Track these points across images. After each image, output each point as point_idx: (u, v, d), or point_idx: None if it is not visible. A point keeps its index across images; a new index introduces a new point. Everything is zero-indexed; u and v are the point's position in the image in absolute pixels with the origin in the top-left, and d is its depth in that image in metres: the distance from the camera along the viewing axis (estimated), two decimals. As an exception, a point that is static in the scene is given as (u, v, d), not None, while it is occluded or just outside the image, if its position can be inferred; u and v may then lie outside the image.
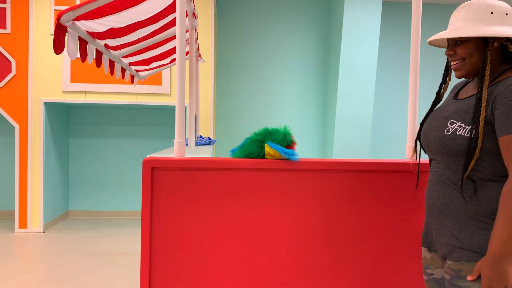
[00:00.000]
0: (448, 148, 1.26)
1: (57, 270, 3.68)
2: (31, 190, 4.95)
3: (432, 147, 1.34)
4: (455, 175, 1.27)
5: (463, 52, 1.29)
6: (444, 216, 1.29)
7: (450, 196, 1.27)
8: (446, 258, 1.29)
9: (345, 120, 5.71)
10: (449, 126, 1.27)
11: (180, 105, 1.72)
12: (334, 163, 1.69)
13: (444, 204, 1.29)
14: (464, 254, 1.23)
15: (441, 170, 1.31)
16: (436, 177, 1.33)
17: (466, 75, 1.32)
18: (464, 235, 1.24)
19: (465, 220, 1.24)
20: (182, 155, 1.70)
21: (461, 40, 1.29)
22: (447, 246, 1.28)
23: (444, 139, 1.27)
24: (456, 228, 1.26)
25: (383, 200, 1.71)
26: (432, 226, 1.36)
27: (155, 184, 1.63)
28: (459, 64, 1.31)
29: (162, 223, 1.64)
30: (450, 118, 1.29)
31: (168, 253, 1.64)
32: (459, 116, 1.27)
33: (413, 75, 1.84)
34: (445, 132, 1.27)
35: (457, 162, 1.26)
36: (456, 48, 1.31)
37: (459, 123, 1.25)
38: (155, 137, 5.99)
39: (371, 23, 5.54)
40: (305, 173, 1.68)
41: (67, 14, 2.14)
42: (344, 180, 1.70)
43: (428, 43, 1.44)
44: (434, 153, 1.34)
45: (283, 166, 1.66)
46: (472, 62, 1.28)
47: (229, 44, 6.16)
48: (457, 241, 1.25)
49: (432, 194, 1.33)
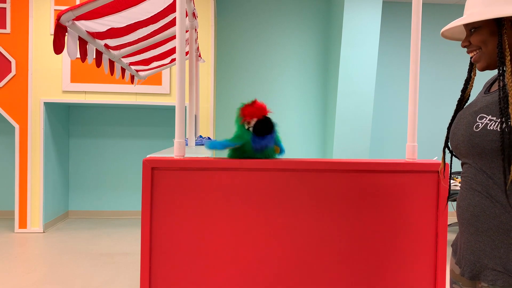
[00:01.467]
0: (479, 147, 1.08)
1: (57, 270, 3.68)
2: (31, 190, 4.95)
3: (461, 148, 1.16)
4: (488, 180, 1.08)
5: (477, 41, 1.14)
6: (474, 229, 1.11)
7: (481, 205, 1.09)
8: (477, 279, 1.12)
9: (345, 120, 5.71)
10: (479, 121, 1.10)
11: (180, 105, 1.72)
12: (334, 163, 1.69)
13: (474, 215, 1.11)
14: (498, 277, 1.05)
15: (472, 174, 1.13)
16: (467, 183, 1.16)
17: (487, 66, 1.16)
18: (497, 253, 1.06)
19: (499, 235, 1.06)
20: (182, 155, 1.70)
21: (475, 27, 1.13)
22: (476, 266, 1.12)
23: (474, 136, 1.10)
24: (487, 244, 1.08)
25: (383, 200, 1.71)
26: (462, 239, 1.18)
27: (155, 184, 1.63)
28: (477, 55, 1.16)
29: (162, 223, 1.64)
30: (480, 113, 1.11)
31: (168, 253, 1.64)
32: (490, 109, 1.09)
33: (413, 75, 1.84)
34: (474, 129, 1.10)
35: (490, 164, 1.08)
36: (470, 37, 1.16)
37: (489, 117, 1.07)
38: (155, 137, 5.99)
39: (371, 23, 5.54)
40: (305, 173, 1.68)
41: (67, 14, 2.14)
42: (344, 180, 1.70)
43: (442, 36, 1.30)
44: (464, 155, 1.17)
45: (283, 166, 1.66)
46: (489, 50, 1.13)
47: (229, 44, 6.16)
48: (488, 260, 1.08)
49: (462, 203, 1.16)
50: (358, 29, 5.54)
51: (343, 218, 1.69)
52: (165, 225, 1.62)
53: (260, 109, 1.55)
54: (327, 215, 1.68)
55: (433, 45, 6.42)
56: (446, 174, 1.42)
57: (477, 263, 1.11)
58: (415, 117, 1.83)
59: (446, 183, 1.47)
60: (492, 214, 1.07)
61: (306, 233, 1.68)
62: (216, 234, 1.64)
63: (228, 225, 1.64)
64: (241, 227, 1.65)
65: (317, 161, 1.69)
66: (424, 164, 1.62)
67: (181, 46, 1.73)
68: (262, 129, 1.54)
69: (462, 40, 1.25)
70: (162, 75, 5.08)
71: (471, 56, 1.19)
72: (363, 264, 1.71)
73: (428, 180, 1.62)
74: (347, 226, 1.69)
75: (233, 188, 1.64)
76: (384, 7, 6.28)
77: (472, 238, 1.12)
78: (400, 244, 1.71)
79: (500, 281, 1.04)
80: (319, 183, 1.67)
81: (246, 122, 1.56)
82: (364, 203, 1.69)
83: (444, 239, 1.68)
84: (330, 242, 1.69)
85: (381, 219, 1.70)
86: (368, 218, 1.70)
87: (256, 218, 1.66)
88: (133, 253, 4.23)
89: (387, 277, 1.72)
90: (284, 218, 1.67)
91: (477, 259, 1.11)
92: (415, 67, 1.84)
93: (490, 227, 1.08)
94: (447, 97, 6.48)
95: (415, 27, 1.83)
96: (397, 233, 1.71)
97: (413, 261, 1.72)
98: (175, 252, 1.63)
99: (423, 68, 6.49)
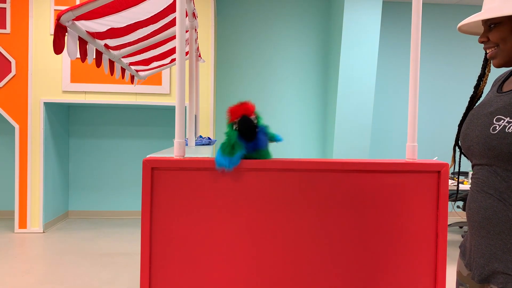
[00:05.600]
0: (496, 150, 1.06)
1: (57, 270, 3.68)
2: (31, 190, 4.95)
3: (475, 150, 1.14)
4: (502, 183, 1.07)
5: (495, 37, 1.10)
6: (486, 232, 1.10)
7: (494, 208, 1.08)
8: (486, 282, 1.11)
9: (345, 120, 5.71)
10: (495, 123, 1.07)
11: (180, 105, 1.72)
12: (334, 163, 1.69)
13: (486, 217, 1.09)
14: (509, 280, 1.03)
15: (485, 176, 1.11)
16: (478, 185, 1.14)
17: (504, 63, 1.12)
18: (509, 256, 1.05)
19: (510, 238, 1.05)
20: (182, 155, 1.70)
21: (495, 22, 1.10)
22: (486, 270, 1.10)
23: (490, 139, 1.07)
24: (499, 247, 1.06)
25: (383, 200, 1.71)
26: (472, 242, 1.17)
27: (155, 184, 1.63)
28: (494, 52, 1.13)
29: (162, 223, 1.64)
30: (496, 114, 1.08)
31: (168, 253, 1.64)
32: (508, 110, 1.06)
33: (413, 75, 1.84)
34: (491, 131, 1.07)
35: (506, 167, 1.05)
36: (489, 33, 1.12)
37: (508, 119, 1.04)
38: (155, 137, 5.99)
39: (371, 23, 5.54)
40: (305, 173, 1.68)
41: (67, 14, 2.14)
42: (344, 180, 1.70)
43: (459, 30, 1.26)
44: (478, 157, 1.14)
45: (283, 166, 1.66)
46: (508, 47, 1.09)
47: (229, 44, 6.16)
48: (499, 264, 1.06)
49: (473, 205, 1.15)
50: (358, 29, 5.54)
51: (343, 218, 1.69)
52: (165, 225, 1.62)
53: (244, 109, 1.52)
54: (327, 215, 1.69)
55: (433, 45, 6.42)
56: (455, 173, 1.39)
57: (487, 266, 1.09)
58: (415, 117, 1.83)
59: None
60: (505, 217, 1.05)
61: (306, 233, 1.68)
62: (216, 234, 1.64)
63: (228, 225, 1.64)
64: (241, 227, 1.65)
65: (317, 161, 1.69)
66: (424, 164, 1.61)
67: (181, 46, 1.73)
68: (243, 129, 1.50)
69: (479, 34, 1.22)
70: (162, 75, 5.08)
71: (488, 52, 1.16)
72: (363, 264, 1.71)
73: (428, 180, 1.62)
74: (347, 226, 1.69)
75: (233, 188, 1.64)
76: (384, 7, 6.28)
77: (483, 241, 1.11)
78: (400, 244, 1.71)
79: (511, 284, 1.03)
80: (319, 183, 1.67)
81: (232, 122, 1.55)
82: (364, 203, 1.69)
83: (444, 239, 1.68)
84: (330, 242, 1.69)
85: (381, 219, 1.70)
86: (368, 218, 1.70)
87: (256, 218, 1.66)
88: (133, 253, 4.23)
89: (387, 277, 1.72)
90: (284, 218, 1.67)
91: (487, 263, 1.09)
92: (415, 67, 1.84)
93: (502, 230, 1.06)
94: (447, 97, 6.48)
95: (415, 27, 1.83)
96: (397, 233, 1.71)
97: (413, 261, 1.72)
98: (175, 252, 1.63)
99: (423, 68, 6.49)
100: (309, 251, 1.68)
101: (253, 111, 1.51)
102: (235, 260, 1.65)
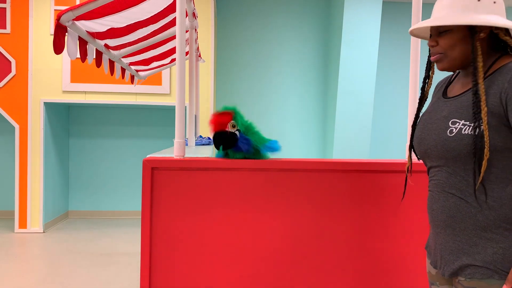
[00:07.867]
0: (455, 151, 1.11)
1: (57, 270, 3.68)
2: (31, 190, 4.95)
3: (432, 153, 1.19)
4: (462, 182, 1.13)
5: (445, 43, 1.17)
6: (452, 230, 1.15)
7: (457, 207, 1.13)
8: (454, 276, 1.16)
9: (345, 120, 5.71)
10: (452, 126, 1.13)
11: (180, 105, 1.72)
12: (334, 163, 1.69)
13: (450, 216, 1.15)
14: (476, 271, 1.10)
15: (445, 177, 1.17)
16: (438, 186, 1.19)
17: (448, 67, 1.20)
18: (475, 249, 1.11)
19: (475, 233, 1.11)
20: (182, 155, 1.70)
21: (445, 30, 1.16)
22: (455, 264, 1.15)
23: (448, 141, 1.12)
24: (466, 242, 1.13)
25: (383, 200, 1.71)
26: (437, 241, 1.22)
27: (155, 184, 1.63)
28: (439, 56, 1.19)
29: (162, 223, 1.64)
30: (451, 118, 1.14)
31: (168, 253, 1.64)
32: (461, 113, 1.13)
33: (413, 75, 1.84)
34: (448, 133, 1.13)
35: (465, 166, 1.11)
36: (439, 38, 1.18)
37: (462, 121, 1.11)
38: (155, 137, 5.99)
39: (371, 23, 5.54)
40: (305, 173, 1.68)
41: (67, 14, 2.14)
42: (344, 180, 1.70)
43: (410, 33, 1.32)
44: (435, 159, 1.19)
45: (283, 166, 1.66)
46: (454, 54, 1.16)
47: (229, 44, 6.16)
48: (467, 257, 1.12)
49: (436, 206, 1.19)
50: (358, 29, 5.54)
51: (343, 218, 1.69)
52: (165, 225, 1.62)
53: (219, 124, 1.61)
54: (327, 215, 1.69)
55: (433, 45, 6.42)
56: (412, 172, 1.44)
57: (456, 261, 1.15)
58: (415, 117, 1.83)
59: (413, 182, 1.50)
60: (468, 214, 1.12)
61: (306, 232, 1.68)
62: (216, 234, 1.64)
63: (227, 224, 1.64)
64: (240, 227, 1.65)
65: (317, 161, 1.69)
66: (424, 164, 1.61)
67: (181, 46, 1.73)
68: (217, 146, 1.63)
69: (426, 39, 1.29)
70: (162, 75, 5.08)
71: (433, 56, 1.22)
72: (362, 263, 1.71)
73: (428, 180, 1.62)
74: (347, 225, 1.69)
75: (233, 188, 1.64)
76: (384, 7, 6.28)
77: (450, 238, 1.16)
78: (400, 243, 1.71)
79: (478, 274, 1.10)
80: (319, 183, 1.67)
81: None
82: (364, 203, 1.69)
83: (444, 239, 1.68)
84: (330, 241, 1.69)
85: (381, 218, 1.70)
86: (368, 218, 1.70)
87: (256, 218, 1.66)
88: (133, 253, 4.23)
89: (386, 276, 1.72)
90: (284, 217, 1.67)
91: (456, 258, 1.15)
92: (415, 67, 1.84)
93: (466, 227, 1.12)
94: (447, 97, 6.48)
95: (415, 27, 1.82)
96: (397, 232, 1.71)
97: (413, 260, 1.72)
98: (175, 251, 1.63)
99: (423, 67, 6.49)
100: (309, 250, 1.68)
101: (228, 122, 1.60)
102: (235, 259, 1.65)
